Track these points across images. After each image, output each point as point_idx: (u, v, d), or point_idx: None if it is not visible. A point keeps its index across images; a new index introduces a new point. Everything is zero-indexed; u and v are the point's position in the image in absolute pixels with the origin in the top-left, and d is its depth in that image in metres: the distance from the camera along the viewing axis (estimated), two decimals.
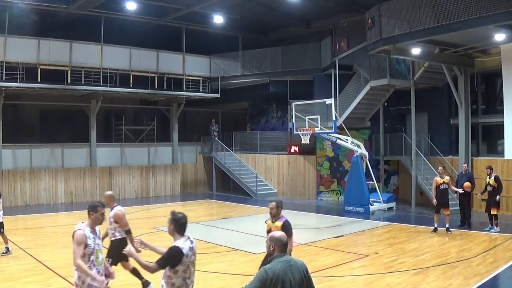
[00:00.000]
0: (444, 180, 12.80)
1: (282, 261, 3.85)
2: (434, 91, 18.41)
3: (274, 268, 3.78)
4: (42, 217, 15.78)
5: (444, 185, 12.81)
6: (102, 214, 5.05)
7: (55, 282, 7.92)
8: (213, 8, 19.41)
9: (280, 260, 3.86)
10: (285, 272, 3.77)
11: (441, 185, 12.78)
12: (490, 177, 12.68)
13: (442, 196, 12.75)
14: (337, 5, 18.65)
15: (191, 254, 4.50)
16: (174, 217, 4.58)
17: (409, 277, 8.31)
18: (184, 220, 4.56)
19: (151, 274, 4.59)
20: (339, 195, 19.84)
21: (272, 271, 3.75)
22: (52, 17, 19.45)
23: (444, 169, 13.16)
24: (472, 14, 12.04)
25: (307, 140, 16.94)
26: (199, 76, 22.34)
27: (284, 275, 3.75)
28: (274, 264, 3.83)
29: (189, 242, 4.51)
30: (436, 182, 12.81)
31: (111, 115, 22.96)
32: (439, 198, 12.73)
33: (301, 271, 3.88)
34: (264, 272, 3.74)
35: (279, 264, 3.83)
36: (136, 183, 21.41)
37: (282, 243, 3.95)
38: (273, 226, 6.45)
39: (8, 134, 18.54)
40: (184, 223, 4.55)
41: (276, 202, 6.69)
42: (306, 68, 21.17)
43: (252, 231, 13.32)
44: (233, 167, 22.54)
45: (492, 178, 12.64)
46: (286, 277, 3.75)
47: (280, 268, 3.78)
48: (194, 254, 4.56)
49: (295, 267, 3.87)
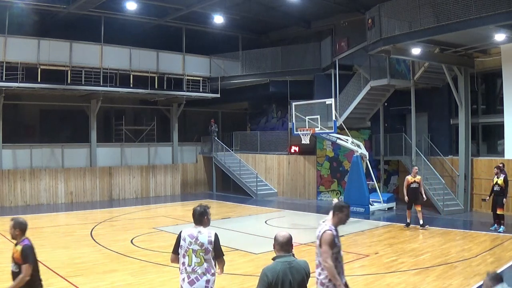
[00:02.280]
0: (415, 179, 13.29)
1: (282, 261, 3.89)
2: (434, 91, 18.41)
3: (274, 269, 3.83)
4: (42, 217, 15.77)
5: (415, 184, 13.24)
6: (346, 215, 5.08)
7: (55, 282, 7.92)
8: (213, 8, 19.41)
9: (281, 260, 3.90)
10: (285, 273, 3.80)
11: (411, 184, 13.29)
12: (499, 177, 12.62)
13: (412, 194, 13.23)
14: (337, 5, 18.65)
15: (190, 241, 4.84)
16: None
17: (409, 277, 8.32)
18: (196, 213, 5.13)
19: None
20: (339, 195, 19.83)
21: (272, 272, 3.80)
22: (52, 17, 19.45)
23: (417, 169, 13.84)
24: (472, 14, 12.03)
25: (307, 140, 16.94)
26: (199, 76, 22.33)
27: (284, 275, 3.79)
28: (274, 265, 3.88)
29: (194, 230, 4.93)
30: (407, 181, 13.40)
31: (111, 115, 22.96)
32: (410, 196, 13.25)
33: (303, 271, 3.92)
34: (264, 275, 3.81)
35: (279, 264, 3.86)
36: (136, 183, 21.40)
37: (283, 243, 3.97)
38: (14, 250, 5.09)
39: (8, 134, 18.54)
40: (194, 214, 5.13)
41: (13, 222, 5.11)
42: (306, 68, 21.16)
43: (252, 231, 13.33)
44: (233, 167, 22.54)
45: (501, 178, 12.58)
46: (286, 278, 3.79)
47: (280, 269, 3.82)
48: (195, 242, 4.84)
49: (297, 267, 3.90)
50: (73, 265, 9.00)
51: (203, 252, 4.84)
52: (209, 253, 4.87)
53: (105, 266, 8.95)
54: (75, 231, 13.11)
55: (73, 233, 12.75)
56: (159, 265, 9.16)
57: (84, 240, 11.79)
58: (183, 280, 4.85)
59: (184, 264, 4.86)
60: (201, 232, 4.91)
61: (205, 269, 4.84)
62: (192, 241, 4.86)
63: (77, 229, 13.43)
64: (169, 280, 8.13)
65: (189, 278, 4.82)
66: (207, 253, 4.86)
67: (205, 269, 4.83)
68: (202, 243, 4.85)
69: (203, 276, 4.82)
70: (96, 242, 11.51)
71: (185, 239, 4.90)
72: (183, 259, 4.88)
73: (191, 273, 4.83)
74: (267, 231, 13.39)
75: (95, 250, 10.58)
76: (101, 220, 14.59)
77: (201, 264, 4.83)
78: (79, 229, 13.39)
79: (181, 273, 4.91)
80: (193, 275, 4.82)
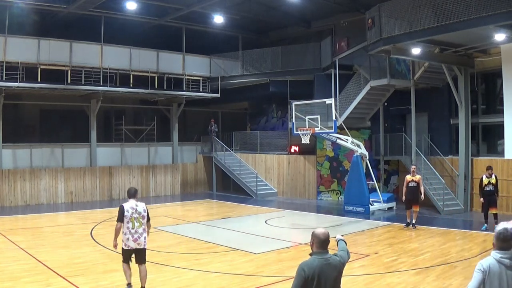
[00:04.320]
0: (414, 178, 13.31)
1: (320, 258, 3.99)
2: (434, 91, 18.40)
3: (311, 264, 3.93)
4: (42, 217, 15.78)
5: (413, 183, 13.26)
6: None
7: (55, 282, 7.92)
8: (213, 8, 19.41)
9: (318, 257, 4.00)
10: (321, 269, 3.91)
11: (409, 183, 13.31)
12: (492, 177, 12.70)
13: (410, 194, 13.23)
14: (337, 5, 18.64)
15: (132, 211, 7.03)
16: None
17: (409, 277, 8.32)
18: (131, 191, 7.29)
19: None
20: (339, 195, 19.84)
21: (309, 268, 3.89)
22: (52, 17, 19.45)
23: (416, 168, 13.83)
24: (472, 14, 12.03)
25: (307, 140, 16.93)
26: (199, 76, 22.34)
27: (320, 271, 3.89)
28: (312, 261, 3.98)
29: (133, 204, 7.10)
30: (406, 180, 13.45)
31: (111, 115, 22.97)
32: (408, 195, 13.27)
33: (338, 268, 4.06)
34: (301, 270, 3.89)
35: (317, 260, 3.96)
36: (136, 183, 21.37)
37: (323, 241, 4.06)
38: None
39: (8, 134, 18.54)
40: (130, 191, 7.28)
41: None
42: (306, 68, 21.16)
43: (252, 231, 13.33)
44: (233, 167, 22.54)
45: (493, 178, 12.70)
46: (322, 274, 3.90)
47: (317, 265, 3.92)
48: (136, 212, 7.05)
49: (333, 264, 4.02)
50: (73, 265, 9.00)
51: (141, 218, 7.07)
52: (145, 218, 7.12)
53: (105, 266, 8.95)
54: (75, 231, 13.11)
55: (73, 233, 12.75)
56: (159, 265, 9.16)
57: (84, 240, 11.79)
58: (128, 239, 6.99)
59: (129, 228, 6.97)
60: (137, 205, 7.10)
61: (143, 229, 7.10)
62: (133, 211, 7.01)
63: (77, 229, 13.43)
64: (169, 280, 8.14)
65: (133, 237, 6.99)
66: (143, 219, 7.10)
67: (143, 229, 7.09)
68: (140, 212, 7.07)
69: (144, 234, 7.09)
70: (96, 242, 11.50)
71: (128, 210, 7.00)
72: (127, 224, 6.98)
73: (135, 234, 6.99)
74: (267, 231, 13.40)
75: (95, 250, 10.57)
76: (101, 220, 14.58)
77: (141, 226, 7.06)
78: (79, 229, 13.38)
79: (125, 235, 7.00)
80: (136, 235, 7.00)
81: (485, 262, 3.71)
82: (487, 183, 12.72)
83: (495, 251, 3.75)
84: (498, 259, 3.68)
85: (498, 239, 3.73)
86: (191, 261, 9.53)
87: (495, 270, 3.65)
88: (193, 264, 9.25)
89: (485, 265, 3.69)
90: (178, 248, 11.00)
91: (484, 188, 12.76)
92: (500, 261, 3.67)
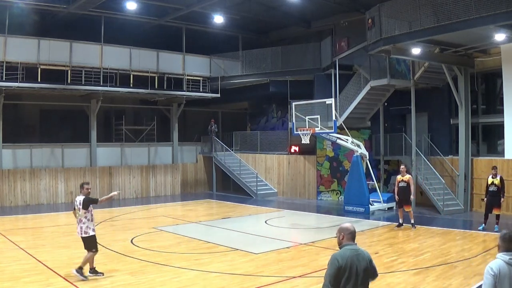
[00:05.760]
0: (403, 178, 13.35)
1: (351, 249, 4.17)
2: (434, 91, 18.40)
3: (343, 254, 4.12)
4: (42, 217, 15.78)
5: (403, 183, 13.31)
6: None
7: (55, 282, 7.93)
8: (213, 8, 19.41)
9: (349, 248, 4.19)
10: (352, 260, 4.09)
11: (399, 183, 13.39)
12: (496, 178, 12.64)
13: (401, 194, 13.32)
14: (337, 5, 18.63)
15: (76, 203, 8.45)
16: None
17: (409, 277, 8.31)
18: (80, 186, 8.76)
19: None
20: (339, 195, 19.84)
21: (342, 257, 4.08)
22: (52, 17, 19.45)
23: (405, 168, 13.84)
24: (472, 14, 12.03)
25: (307, 140, 16.93)
26: (199, 76, 22.33)
27: (352, 262, 4.08)
28: (343, 251, 4.17)
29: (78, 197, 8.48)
30: (397, 180, 13.55)
31: (111, 115, 22.96)
32: (399, 195, 13.39)
33: (366, 260, 4.21)
34: (335, 259, 4.07)
35: (348, 251, 4.15)
36: (136, 183, 21.40)
37: (353, 233, 4.28)
38: None
39: (8, 134, 18.54)
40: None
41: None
42: (306, 68, 21.16)
43: (252, 231, 13.32)
44: (233, 167, 22.54)
45: (497, 178, 12.61)
46: (353, 264, 4.07)
47: (348, 256, 4.11)
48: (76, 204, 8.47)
49: (362, 256, 4.19)
50: (73, 265, 8.97)
51: (78, 210, 8.33)
52: (81, 211, 8.30)
53: (105, 266, 8.95)
54: (75, 231, 13.04)
55: (73, 233, 12.58)
56: (159, 265, 9.16)
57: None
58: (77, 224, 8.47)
59: (76, 216, 8.45)
60: (79, 198, 8.42)
61: (79, 220, 8.37)
62: (76, 203, 8.39)
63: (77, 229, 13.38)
64: (169, 280, 8.14)
65: (78, 224, 8.40)
66: (79, 210, 8.30)
67: (79, 220, 8.37)
68: (76, 204, 8.40)
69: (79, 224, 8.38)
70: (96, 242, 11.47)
71: (75, 202, 8.50)
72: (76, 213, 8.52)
73: (79, 222, 8.37)
74: (267, 231, 13.39)
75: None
76: (101, 220, 14.57)
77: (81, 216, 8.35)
78: None
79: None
80: (80, 223, 8.36)
81: (494, 266, 3.71)
82: (490, 183, 12.68)
83: (502, 253, 3.75)
84: (507, 261, 3.68)
85: (504, 240, 3.73)
86: (191, 261, 9.53)
87: (505, 272, 3.66)
88: (193, 264, 9.25)
89: (495, 269, 3.69)
90: (178, 248, 11.00)
91: (488, 188, 12.74)
92: (509, 262, 3.68)
